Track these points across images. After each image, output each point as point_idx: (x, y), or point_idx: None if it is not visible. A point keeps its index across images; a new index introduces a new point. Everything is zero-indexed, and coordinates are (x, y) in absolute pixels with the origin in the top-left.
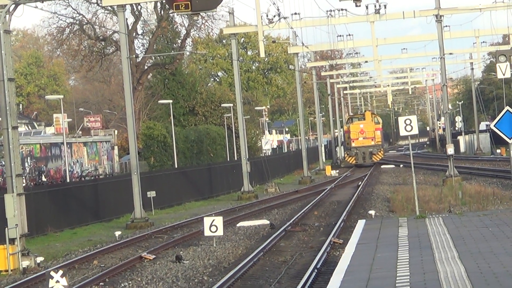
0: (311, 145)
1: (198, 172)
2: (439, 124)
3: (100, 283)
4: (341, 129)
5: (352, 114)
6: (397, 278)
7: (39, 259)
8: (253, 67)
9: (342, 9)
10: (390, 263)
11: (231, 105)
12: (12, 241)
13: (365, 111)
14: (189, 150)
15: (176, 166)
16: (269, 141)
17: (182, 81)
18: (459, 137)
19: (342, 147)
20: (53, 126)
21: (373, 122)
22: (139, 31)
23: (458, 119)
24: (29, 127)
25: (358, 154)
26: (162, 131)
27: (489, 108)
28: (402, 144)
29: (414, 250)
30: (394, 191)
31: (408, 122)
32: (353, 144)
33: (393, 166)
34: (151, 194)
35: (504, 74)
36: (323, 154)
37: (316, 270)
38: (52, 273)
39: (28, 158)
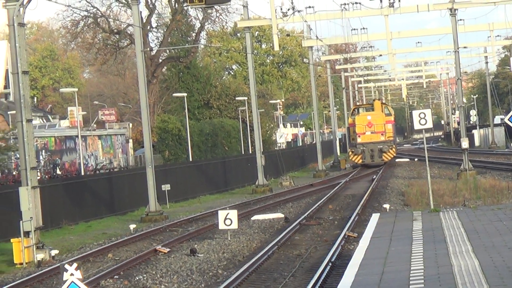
0: (326, 139)
1: (213, 165)
2: (454, 118)
3: (115, 276)
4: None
5: (358, 103)
6: (411, 272)
7: (54, 252)
8: (268, 61)
9: (356, 3)
10: (404, 256)
11: (246, 98)
12: (26, 234)
13: (374, 99)
14: (203, 143)
15: (190, 160)
16: (284, 135)
17: (196, 74)
18: (473, 131)
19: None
20: (68, 119)
21: (384, 113)
22: (154, 24)
23: (473, 113)
24: (44, 120)
25: (365, 152)
26: (176, 124)
27: (503, 101)
28: (417, 138)
29: (428, 244)
30: (408, 184)
31: (422, 115)
32: (359, 140)
33: (407, 159)
34: (166, 187)
35: None
36: (338, 147)
37: (330, 264)
38: (66, 266)
39: (43, 151)
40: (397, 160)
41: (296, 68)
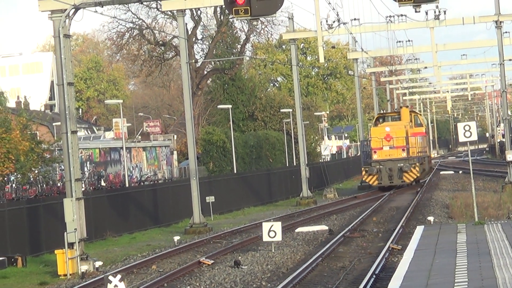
0: None
1: (257, 177)
2: (499, 130)
3: None
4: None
5: (383, 111)
6: (455, 284)
7: (98, 263)
8: (313, 73)
9: (401, 15)
10: (448, 269)
11: (291, 110)
12: (71, 245)
13: (401, 107)
14: (248, 155)
15: (235, 171)
16: (328, 147)
17: (241, 86)
18: None
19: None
20: (113, 130)
21: (413, 123)
22: (199, 36)
23: None
24: (89, 132)
25: (381, 171)
26: (221, 136)
27: None
28: (461, 150)
29: (473, 256)
30: (453, 197)
31: (467, 128)
32: (374, 156)
33: (452, 172)
34: (210, 199)
35: None
36: None
37: (374, 276)
38: (110, 278)
39: (88, 162)
40: (441, 172)
41: (341, 80)
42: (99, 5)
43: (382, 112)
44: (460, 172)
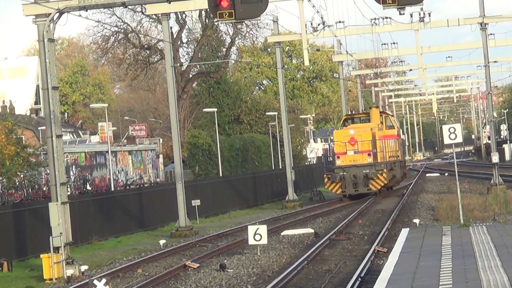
0: None
1: (243, 180)
2: (484, 132)
3: None
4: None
5: (351, 112)
6: (440, 287)
7: (84, 267)
8: (298, 76)
9: (386, 17)
10: (433, 271)
11: (276, 113)
12: (56, 249)
13: (370, 107)
14: (234, 158)
15: (221, 175)
16: (314, 150)
17: (227, 89)
18: (504, 146)
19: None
20: (98, 134)
21: (383, 125)
22: (184, 40)
23: (504, 127)
24: (74, 136)
25: (345, 179)
26: (207, 139)
27: None
28: (447, 153)
29: (457, 258)
30: (438, 199)
31: (452, 130)
32: (337, 162)
33: (438, 174)
34: (196, 202)
35: None
36: None
37: (359, 279)
38: (95, 282)
39: (73, 166)
40: (427, 175)
41: (326, 83)
42: (84, 9)
43: (350, 113)
44: (446, 174)
